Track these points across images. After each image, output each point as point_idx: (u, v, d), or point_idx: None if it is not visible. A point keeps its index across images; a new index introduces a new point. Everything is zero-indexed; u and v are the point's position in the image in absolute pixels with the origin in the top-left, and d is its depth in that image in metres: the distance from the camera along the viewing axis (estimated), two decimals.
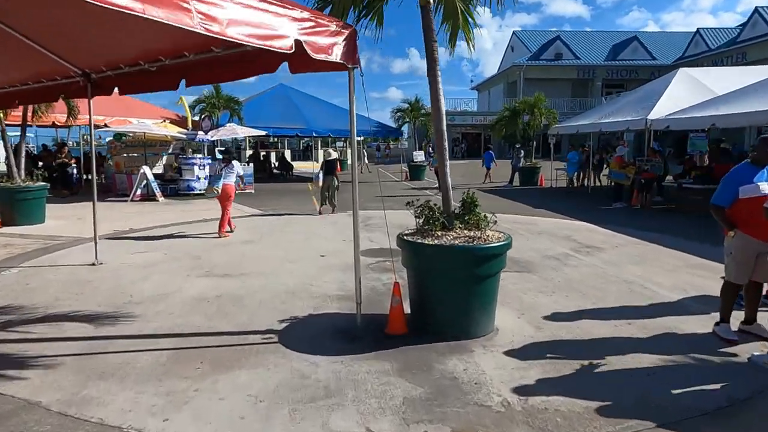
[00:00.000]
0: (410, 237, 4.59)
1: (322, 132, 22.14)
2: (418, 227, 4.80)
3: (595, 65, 39.75)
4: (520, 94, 40.07)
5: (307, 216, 12.24)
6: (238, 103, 19.76)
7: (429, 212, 4.70)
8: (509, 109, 20.55)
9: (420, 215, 4.75)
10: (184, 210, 13.07)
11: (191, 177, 16.32)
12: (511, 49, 47.12)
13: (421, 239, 4.46)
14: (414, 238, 4.54)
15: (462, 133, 43.08)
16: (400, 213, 13.45)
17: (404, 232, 4.81)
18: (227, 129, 17.79)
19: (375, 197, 16.67)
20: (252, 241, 8.84)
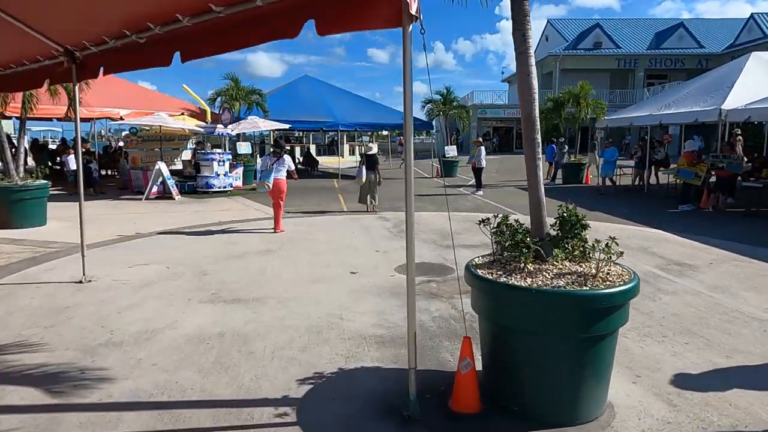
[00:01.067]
0: (487, 271, 3.16)
1: (349, 125, 20.85)
2: (496, 255, 3.40)
3: (637, 54, 37.38)
4: (555, 85, 38.07)
5: (333, 216, 10.93)
6: (260, 94, 18.59)
7: (515, 235, 3.28)
8: (552, 100, 18.85)
9: (500, 238, 3.34)
10: (198, 211, 11.93)
11: (210, 174, 15.22)
12: (545, 38, 44.93)
13: (504, 276, 3.05)
14: (493, 273, 3.11)
15: (493, 127, 41.25)
16: (437, 216, 11.44)
17: (475, 262, 3.41)
18: (248, 122, 16.63)
19: None
20: (270, 251, 7.57)
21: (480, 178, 15.59)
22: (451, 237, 7.70)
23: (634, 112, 16.71)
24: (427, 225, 9.80)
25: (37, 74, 6.18)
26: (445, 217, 10.66)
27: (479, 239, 8.29)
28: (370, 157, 12.00)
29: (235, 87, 18.17)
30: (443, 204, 13.19)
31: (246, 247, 7.88)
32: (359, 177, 11.78)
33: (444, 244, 8.12)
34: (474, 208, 12.41)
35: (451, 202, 13.49)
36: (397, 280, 6.05)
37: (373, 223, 10.15)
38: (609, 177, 15.19)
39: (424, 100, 23.22)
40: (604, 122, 17.39)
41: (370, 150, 12.28)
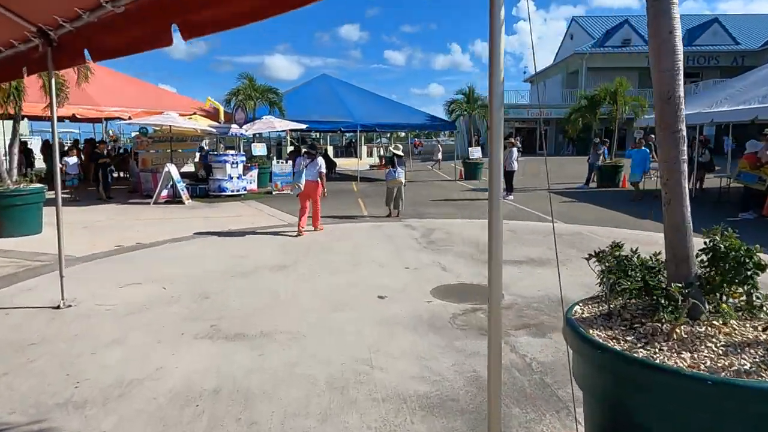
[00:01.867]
0: (607, 335, 2.04)
1: (369, 125, 19.85)
2: (611, 305, 2.30)
3: None
4: (582, 84, 36.62)
5: (354, 224, 9.93)
6: (276, 93, 17.71)
7: (634, 273, 2.19)
8: (586, 98, 17.61)
9: (616, 277, 2.24)
10: (208, 216, 11.04)
11: (222, 176, 14.36)
12: (570, 37, 43.47)
13: (640, 344, 1.93)
14: (619, 339, 1.99)
15: (515, 128, 39.89)
16: (468, 225, 10.20)
17: (579, 313, 2.31)
18: (264, 122, 15.75)
19: (431, 201, 14.25)
20: (284, 267, 6.59)
21: (511, 182, 14.45)
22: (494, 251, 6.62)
23: None
24: (459, 235, 8.73)
25: (14, 62, 5.29)
26: (478, 226, 9.60)
27: (523, 253, 7.20)
28: (399, 158, 11.02)
29: (251, 86, 17.31)
30: (472, 209, 12.11)
31: (257, 260, 6.91)
32: (393, 178, 10.80)
33: (482, 259, 7.04)
34: (506, 214, 11.30)
35: (480, 208, 12.40)
36: (435, 307, 5.00)
37: (398, 231, 9.12)
38: (635, 182, 13.77)
39: (447, 102, 22.12)
40: (645, 121, 16.11)
41: (397, 150, 11.29)
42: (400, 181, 10.88)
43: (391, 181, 10.95)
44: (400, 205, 11.09)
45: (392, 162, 11.03)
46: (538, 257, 7.05)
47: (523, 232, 8.95)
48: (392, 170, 10.93)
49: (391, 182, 10.96)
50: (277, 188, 15.78)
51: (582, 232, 9.02)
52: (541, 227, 9.53)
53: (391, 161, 11.12)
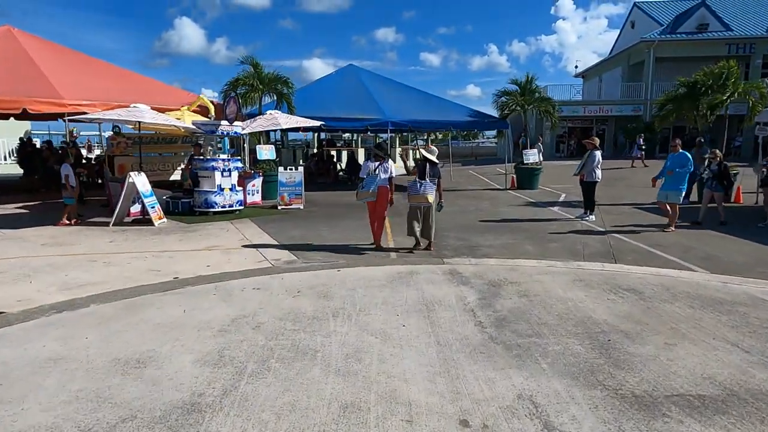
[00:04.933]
0: None
1: (402, 123, 16.34)
2: None
3: (754, 38, 30.68)
4: (649, 76, 32.05)
5: (369, 270, 6.37)
6: (287, 84, 14.43)
7: None
8: (684, 85, 13.55)
9: None
10: (169, 250, 7.77)
11: (210, 188, 11.14)
12: (630, 25, 38.67)
13: None
14: None
15: (569, 128, 35.53)
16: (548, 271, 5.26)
17: None
18: (266, 118, 12.51)
19: (481, 222, 10.59)
20: (201, 409, 3.16)
21: (593, 197, 10.63)
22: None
23: None
24: (547, 302, 5.11)
25: None
26: (569, 277, 5.95)
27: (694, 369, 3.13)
28: (431, 165, 7.54)
29: (255, 74, 14.09)
30: (544, 239, 8.40)
31: (154, 379, 3.49)
32: (417, 193, 7.42)
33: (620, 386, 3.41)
34: (605, 252, 7.54)
35: (557, 238, 8.66)
36: None
37: (440, 291, 5.53)
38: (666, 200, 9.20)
39: (497, 92, 18.33)
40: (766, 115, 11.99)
41: (432, 153, 7.75)
42: (426, 198, 7.41)
43: (415, 197, 7.49)
44: (431, 234, 7.62)
45: (422, 170, 7.51)
46: (732, 380, 3.35)
47: (656, 297, 5.23)
48: (417, 183, 7.49)
49: (414, 198, 7.50)
50: (283, 202, 12.48)
51: (756, 295, 5.24)
52: (677, 284, 5.77)
53: (421, 169, 7.59)
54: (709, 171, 10.11)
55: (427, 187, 7.45)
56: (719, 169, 9.98)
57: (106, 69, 14.44)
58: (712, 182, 10.04)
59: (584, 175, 10.59)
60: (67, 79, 11.93)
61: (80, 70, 12.92)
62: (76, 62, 13.51)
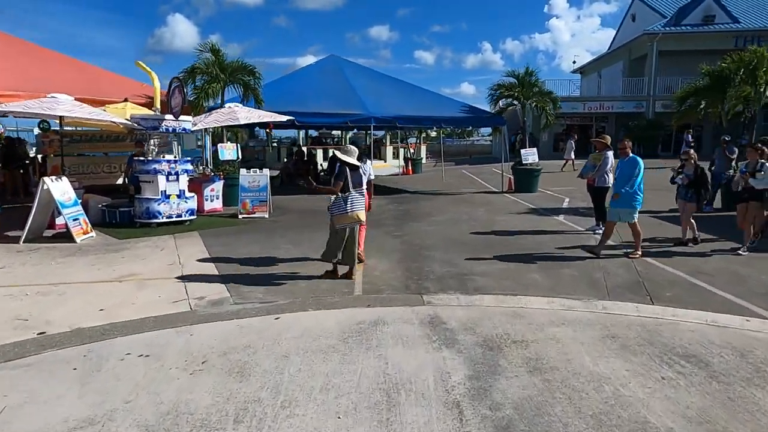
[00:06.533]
0: None
1: (387, 118, 14.57)
2: None
3: (763, 30, 29.08)
4: (652, 71, 30.42)
5: (322, 314, 4.58)
6: (253, 74, 12.61)
7: None
8: (709, 74, 11.85)
9: None
10: (76, 282, 5.96)
11: (153, 195, 9.36)
12: (631, 18, 37.02)
13: None
14: None
15: (568, 125, 33.85)
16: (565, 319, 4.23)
17: None
18: (222, 112, 10.72)
19: (473, 237, 8.84)
20: None
21: (603, 205, 8.92)
22: None
23: None
24: (567, 379, 3.38)
25: None
26: (593, 333, 4.22)
27: None
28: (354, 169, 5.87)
29: (216, 62, 12.28)
30: (551, 258, 6.66)
31: None
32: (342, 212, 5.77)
33: None
34: (633, 283, 5.81)
35: (567, 257, 6.93)
36: None
37: (412, 359, 3.79)
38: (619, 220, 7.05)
39: (492, 86, 16.57)
40: None
41: (349, 154, 5.97)
42: (358, 216, 5.74)
43: (342, 217, 5.77)
44: (354, 258, 5.97)
45: (343, 178, 5.78)
46: None
47: (733, 373, 3.50)
48: (341, 199, 5.78)
49: (341, 219, 5.79)
50: (245, 210, 10.70)
51: None
52: (753, 344, 4.05)
53: (339, 176, 5.85)
54: (682, 176, 7.71)
55: (355, 202, 5.74)
56: (695, 174, 7.66)
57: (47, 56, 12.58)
58: (686, 191, 7.69)
59: (594, 180, 8.89)
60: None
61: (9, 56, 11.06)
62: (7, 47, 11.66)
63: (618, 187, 7.02)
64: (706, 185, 7.80)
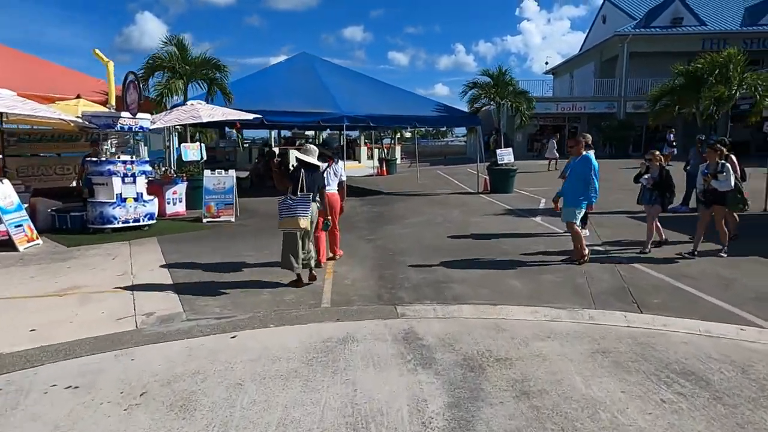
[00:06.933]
0: None
1: (360, 117, 14.12)
2: None
3: (729, 32, 29.70)
4: (623, 72, 30.78)
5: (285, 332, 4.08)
6: (219, 68, 11.99)
7: None
8: (683, 74, 11.78)
9: None
10: (10, 297, 5.33)
11: (107, 198, 8.70)
12: (602, 19, 37.43)
13: None
14: None
15: (541, 125, 34.00)
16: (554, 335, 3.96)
17: None
18: (183, 110, 10.11)
19: (451, 240, 8.45)
20: None
21: None
22: None
23: None
24: (559, 405, 2.99)
25: None
26: (582, 347, 3.87)
27: None
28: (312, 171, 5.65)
29: (180, 57, 11.63)
30: (531, 263, 6.31)
31: None
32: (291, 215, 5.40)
33: None
34: (618, 289, 5.49)
35: (548, 262, 6.60)
36: None
37: (384, 384, 3.36)
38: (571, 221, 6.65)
39: (467, 84, 16.28)
40: None
41: (309, 154, 5.71)
42: (297, 222, 5.34)
43: (284, 221, 5.41)
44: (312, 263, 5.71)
45: (296, 181, 5.45)
46: None
47: (737, 393, 3.17)
48: (287, 199, 5.41)
49: (283, 222, 5.43)
50: (210, 213, 10.10)
51: None
52: (751, 357, 3.76)
53: (295, 179, 5.49)
54: (647, 178, 7.21)
55: (299, 206, 5.34)
56: (660, 176, 7.12)
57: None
58: (650, 194, 7.17)
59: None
60: None
61: None
62: None
63: (568, 187, 6.64)
64: (671, 188, 7.15)
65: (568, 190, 6.66)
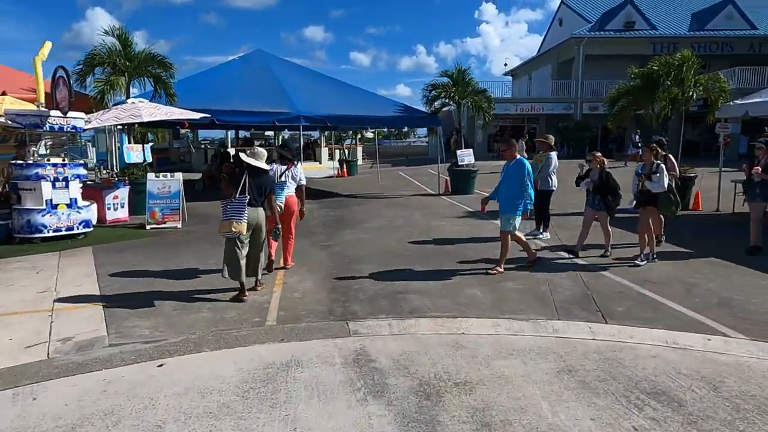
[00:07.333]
0: None
1: (318, 117, 13.64)
2: None
3: (678, 36, 30.71)
4: (579, 74, 31.36)
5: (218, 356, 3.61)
6: (164, 65, 11.26)
7: None
8: (638, 76, 11.88)
9: None
10: None
11: (36, 205, 7.94)
12: (558, 22, 38.12)
13: None
14: None
15: (500, 126, 34.30)
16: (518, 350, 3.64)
17: None
18: (123, 108, 9.39)
19: (411, 246, 8.10)
20: None
21: (547, 209, 8.53)
22: None
23: None
24: None
25: None
26: (547, 366, 3.57)
27: None
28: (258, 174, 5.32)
29: (122, 52, 10.86)
30: (498, 279, 6.03)
31: None
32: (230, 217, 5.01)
33: None
34: (582, 297, 5.25)
35: (510, 268, 6.34)
36: None
37: (328, 420, 2.95)
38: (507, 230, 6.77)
39: (427, 86, 16.04)
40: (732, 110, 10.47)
41: (257, 157, 5.39)
42: (231, 226, 4.93)
43: (222, 225, 5.01)
44: (259, 268, 5.39)
45: (237, 183, 5.10)
46: None
47: (711, 414, 2.91)
48: (230, 204, 5.01)
49: (221, 227, 5.02)
50: (154, 219, 9.42)
51: None
52: (721, 371, 3.55)
53: (235, 182, 5.14)
54: (588, 181, 6.90)
55: (233, 210, 4.96)
56: (601, 179, 6.76)
57: None
58: (593, 198, 6.89)
59: (537, 183, 8.43)
60: None
61: None
62: None
63: (502, 193, 6.28)
64: (613, 190, 6.72)
65: (504, 196, 6.23)
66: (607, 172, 6.83)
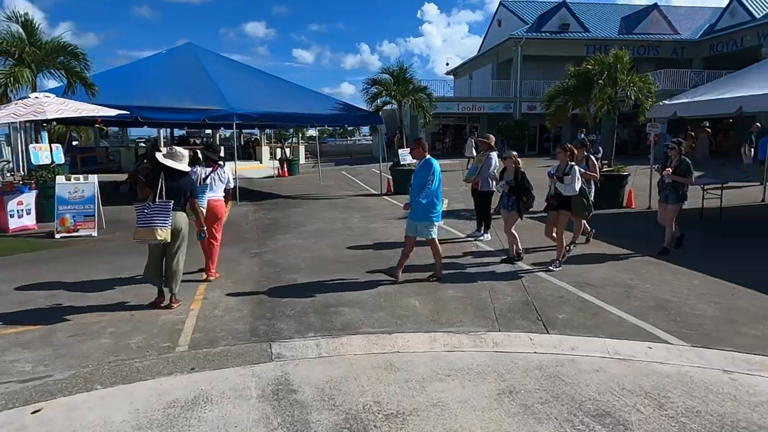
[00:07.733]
0: None
1: (253, 115, 12.94)
2: None
3: (609, 39, 31.95)
4: (517, 74, 32.03)
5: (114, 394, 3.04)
6: (78, 57, 10.23)
7: None
8: (574, 76, 12.01)
9: None
10: None
11: None
12: (497, 23, 38.85)
13: None
14: None
15: (443, 125, 34.54)
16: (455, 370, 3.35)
17: None
18: (23, 104, 8.37)
19: (350, 251, 7.69)
20: None
21: (488, 210, 8.36)
22: None
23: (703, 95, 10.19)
24: None
25: None
26: (487, 388, 3.25)
27: None
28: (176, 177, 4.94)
29: (27, 41, 9.76)
30: (438, 287, 5.73)
31: None
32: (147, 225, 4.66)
33: None
34: (523, 303, 5.03)
35: (449, 273, 6.08)
36: None
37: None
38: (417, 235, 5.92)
39: (368, 80, 15.68)
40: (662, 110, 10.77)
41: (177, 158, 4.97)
42: (154, 233, 4.58)
43: (139, 231, 4.64)
44: (174, 282, 4.88)
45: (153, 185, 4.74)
46: None
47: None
48: (144, 207, 4.65)
49: (139, 233, 4.66)
50: (64, 227, 8.50)
51: None
52: (665, 385, 3.36)
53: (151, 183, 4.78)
54: (503, 183, 6.70)
55: (156, 216, 4.57)
56: (515, 179, 6.55)
57: None
58: (508, 199, 6.65)
59: (478, 184, 8.25)
60: None
61: None
62: None
63: (412, 196, 5.75)
64: (527, 191, 6.52)
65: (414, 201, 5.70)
66: (522, 173, 6.62)
